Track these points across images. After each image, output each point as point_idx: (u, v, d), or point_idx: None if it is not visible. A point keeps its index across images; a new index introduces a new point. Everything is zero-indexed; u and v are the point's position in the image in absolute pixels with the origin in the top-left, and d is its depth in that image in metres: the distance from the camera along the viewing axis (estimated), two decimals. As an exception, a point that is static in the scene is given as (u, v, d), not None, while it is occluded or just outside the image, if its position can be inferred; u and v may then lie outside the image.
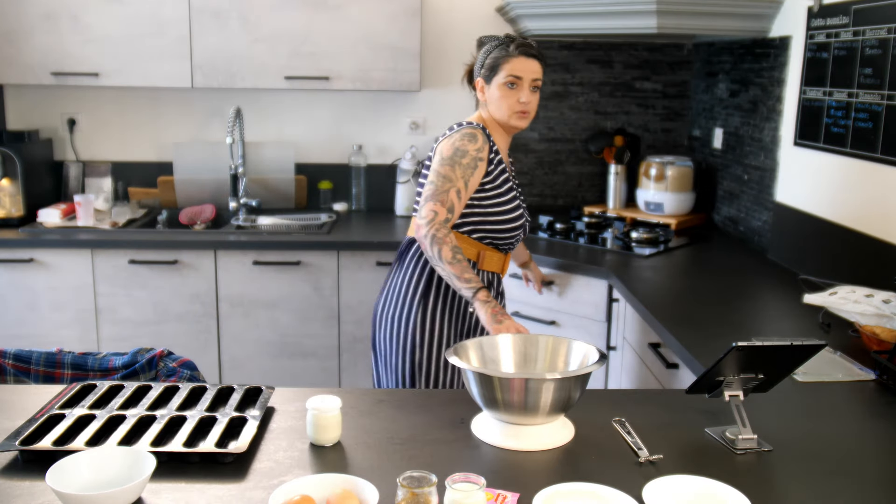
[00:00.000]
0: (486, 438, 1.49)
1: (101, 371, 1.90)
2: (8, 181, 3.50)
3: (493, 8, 3.73)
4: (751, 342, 1.40)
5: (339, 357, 3.45)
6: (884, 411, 1.68)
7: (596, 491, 1.28)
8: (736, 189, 3.34)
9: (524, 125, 2.20)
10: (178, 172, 3.84)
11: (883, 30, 2.34)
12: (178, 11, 3.43)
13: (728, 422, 1.54)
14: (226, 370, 3.44)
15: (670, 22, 3.00)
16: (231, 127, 3.55)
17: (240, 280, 3.35)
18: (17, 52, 3.46)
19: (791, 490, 1.35)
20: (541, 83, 2.20)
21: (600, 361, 1.52)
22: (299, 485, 1.27)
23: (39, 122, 3.86)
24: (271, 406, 1.65)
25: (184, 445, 1.42)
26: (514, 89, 2.15)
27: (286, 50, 3.48)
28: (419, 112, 3.90)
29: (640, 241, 3.20)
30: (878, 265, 2.32)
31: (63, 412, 1.54)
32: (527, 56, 2.15)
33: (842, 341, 2.10)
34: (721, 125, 3.50)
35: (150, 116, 3.88)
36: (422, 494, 1.18)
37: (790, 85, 2.90)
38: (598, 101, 3.88)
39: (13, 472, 1.36)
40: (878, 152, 2.36)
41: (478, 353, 1.61)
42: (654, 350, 2.33)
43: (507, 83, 2.14)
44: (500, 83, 2.15)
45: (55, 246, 3.30)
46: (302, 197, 3.93)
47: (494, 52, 2.18)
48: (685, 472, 1.36)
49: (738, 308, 2.40)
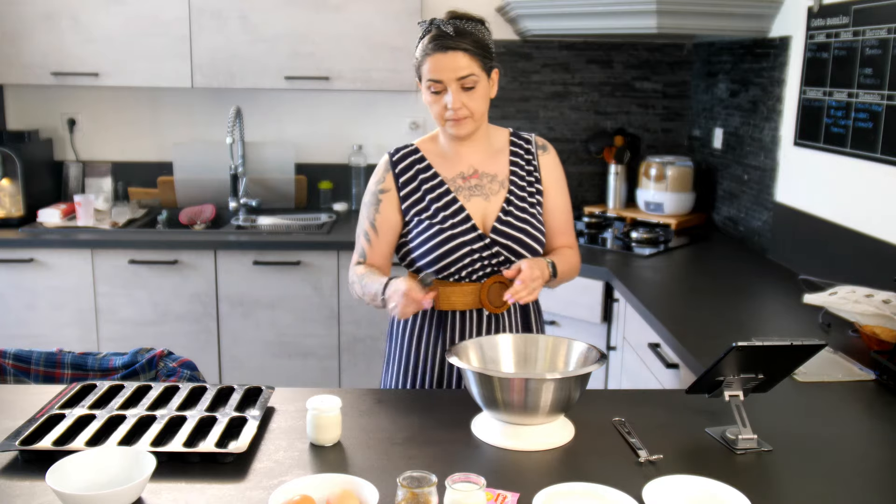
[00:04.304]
0: (486, 438, 1.49)
1: (101, 371, 1.90)
2: (8, 181, 3.49)
3: (493, 8, 3.72)
4: (751, 342, 1.40)
5: (339, 357, 3.45)
6: (884, 411, 1.68)
7: (596, 491, 1.28)
8: (736, 189, 3.34)
9: (464, 132, 1.81)
10: (178, 172, 3.84)
11: (883, 30, 2.34)
12: (178, 11, 3.43)
13: (728, 422, 1.54)
14: (226, 370, 3.44)
15: (670, 22, 3.00)
16: (231, 127, 3.55)
17: (240, 280, 3.35)
18: (17, 52, 3.46)
19: (791, 490, 1.35)
20: (476, 78, 1.75)
21: (600, 361, 1.52)
22: (299, 485, 1.27)
23: (39, 122, 3.86)
24: (271, 406, 1.65)
25: (184, 445, 1.42)
26: (439, 94, 1.77)
27: (286, 50, 3.48)
28: (419, 112, 3.90)
29: (640, 241, 3.20)
30: (878, 265, 2.32)
31: (63, 412, 1.54)
32: (443, 51, 1.73)
33: (842, 341, 2.10)
34: (721, 125, 3.50)
35: (150, 116, 3.88)
36: (422, 494, 1.18)
37: (790, 85, 2.90)
38: (598, 101, 3.88)
39: (13, 472, 1.36)
40: (878, 152, 2.36)
41: (478, 353, 1.61)
42: (654, 350, 2.33)
43: (428, 88, 1.78)
44: (425, 87, 1.80)
45: (55, 246, 3.30)
46: (302, 197, 3.93)
47: (417, 49, 1.80)
48: (685, 472, 1.36)
49: (738, 308, 2.40)
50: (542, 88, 3.84)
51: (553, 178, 1.95)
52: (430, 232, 1.85)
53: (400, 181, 1.89)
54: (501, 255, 1.84)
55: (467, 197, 1.87)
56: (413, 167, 1.90)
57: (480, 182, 1.89)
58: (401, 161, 1.91)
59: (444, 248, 1.83)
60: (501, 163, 1.91)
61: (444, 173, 1.89)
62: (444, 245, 1.83)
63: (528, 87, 3.84)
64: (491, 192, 1.89)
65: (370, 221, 1.91)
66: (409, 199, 1.88)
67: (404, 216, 1.89)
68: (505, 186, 1.89)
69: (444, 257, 1.83)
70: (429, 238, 1.85)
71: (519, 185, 1.90)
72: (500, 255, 1.84)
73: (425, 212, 1.87)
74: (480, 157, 1.91)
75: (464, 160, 1.90)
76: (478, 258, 1.84)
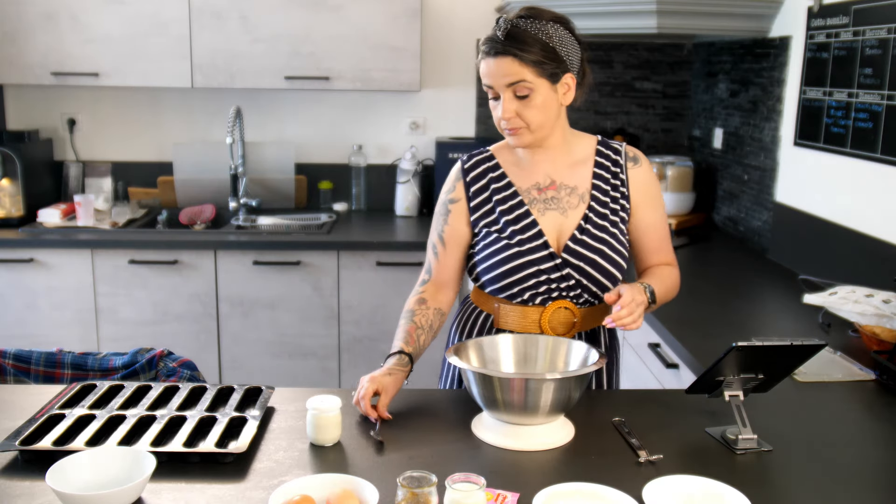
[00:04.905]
0: (486, 438, 1.49)
1: (101, 371, 1.90)
2: (8, 181, 3.49)
3: (493, 8, 3.72)
4: (751, 342, 1.40)
5: (339, 357, 3.45)
6: (884, 411, 1.68)
7: (596, 491, 1.28)
8: (736, 189, 3.34)
9: (521, 144, 1.68)
10: (178, 172, 3.84)
11: (883, 30, 2.34)
12: (178, 11, 3.43)
13: (728, 422, 1.54)
14: (226, 370, 3.43)
15: (670, 22, 3.00)
16: (231, 127, 3.55)
17: (240, 280, 3.35)
18: (17, 52, 3.46)
19: (791, 490, 1.35)
20: (530, 86, 1.60)
21: (600, 361, 1.52)
22: (299, 485, 1.27)
23: (39, 122, 3.86)
24: (271, 406, 1.65)
25: (184, 445, 1.42)
26: (497, 100, 1.66)
27: (286, 50, 3.48)
28: (419, 112, 3.90)
29: (640, 241, 3.20)
30: (878, 265, 2.32)
31: (63, 412, 1.54)
32: (491, 56, 1.61)
33: (842, 341, 2.10)
34: (721, 125, 3.50)
35: (150, 116, 3.88)
36: (422, 494, 1.18)
37: (790, 85, 2.90)
38: (598, 101, 3.88)
39: (13, 472, 1.36)
40: (878, 152, 2.36)
41: (478, 353, 1.61)
42: (654, 350, 2.33)
43: (486, 93, 1.68)
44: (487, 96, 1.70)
45: (55, 246, 3.30)
46: (302, 197, 3.93)
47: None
48: (685, 472, 1.36)
49: (738, 308, 2.40)
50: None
51: (644, 193, 1.76)
52: (497, 247, 1.71)
53: (471, 191, 1.76)
54: (572, 277, 1.69)
55: (542, 211, 1.72)
56: (486, 175, 1.76)
57: (558, 194, 1.73)
58: (473, 168, 1.77)
59: (509, 265, 1.70)
60: (583, 174, 1.74)
61: (519, 183, 1.74)
62: (509, 262, 1.70)
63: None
64: (569, 206, 1.72)
65: (438, 234, 1.79)
66: (480, 210, 1.75)
67: (473, 227, 1.76)
68: (585, 200, 1.72)
69: (508, 275, 1.70)
70: (494, 253, 1.72)
71: (601, 200, 1.73)
72: (571, 277, 1.69)
73: (494, 224, 1.73)
74: (559, 167, 1.74)
75: (540, 170, 1.74)
76: (545, 280, 1.70)
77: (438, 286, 1.80)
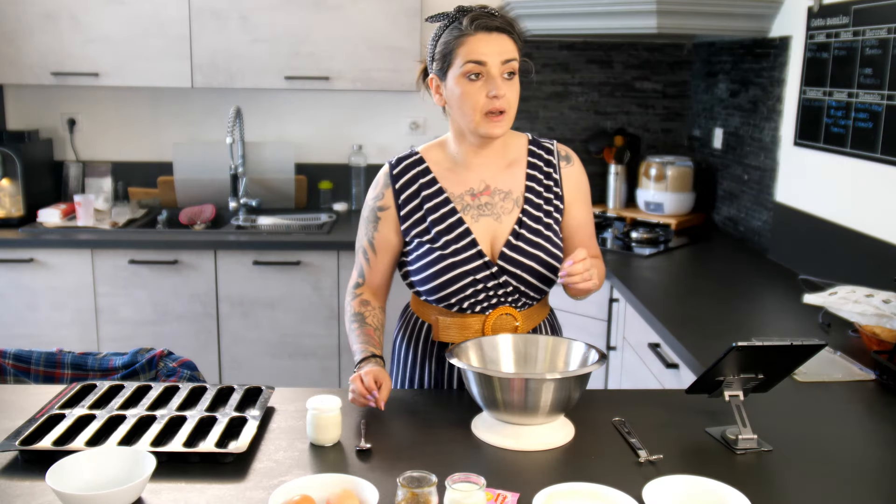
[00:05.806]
0: (486, 438, 1.49)
1: (101, 371, 1.90)
2: (8, 181, 3.49)
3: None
4: (751, 342, 1.40)
5: (339, 357, 3.45)
6: (884, 411, 1.68)
7: (596, 491, 1.28)
8: (736, 189, 3.34)
9: (500, 131, 1.60)
10: (178, 172, 3.84)
11: (883, 30, 2.34)
12: (178, 11, 3.43)
13: (728, 422, 1.54)
14: (226, 370, 3.44)
15: (670, 22, 3.00)
16: (231, 127, 3.55)
17: (240, 280, 3.35)
18: (17, 52, 3.46)
19: (791, 490, 1.35)
20: (517, 65, 1.59)
21: (600, 361, 1.52)
22: (299, 485, 1.27)
23: (39, 122, 3.86)
24: (271, 406, 1.65)
25: (184, 445, 1.42)
26: (479, 80, 1.57)
27: (286, 50, 3.48)
28: (419, 112, 3.90)
29: (640, 241, 3.20)
30: (878, 265, 2.32)
31: (63, 412, 1.54)
32: (488, 31, 1.56)
33: (842, 341, 2.10)
34: (721, 125, 3.50)
35: (149, 116, 3.88)
36: (422, 494, 1.18)
37: (790, 85, 2.90)
38: (598, 101, 3.88)
39: (13, 472, 1.36)
40: (878, 152, 2.36)
41: (478, 353, 1.61)
42: (654, 350, 2.33)
43: (466, 74, 1.57)
44: (458, 75, 1.58)
45: (55, 246, 3.30)
46: (302, 197, 3.93)
47: (444, 36, 1.60)
48: (685, 472, 1.36)
49: (738, 308, 2.40)
50: (541, 88, 3.84)
51: (576, 192, 1.75)
52: (430, 258, 1.67)
53: (400, 198, 1.70)
54: (510, 284, 1.67)
55: (475, 217, 1.67)
56: (416, 181, 1.70)
57: (492, 200, 1.69)
58: (402, 174, 1.71)
59: (444, 277, 1.65)
60: (517, 177, 1.71)
61: (451, 189, 1.69)
62: (444, 274, 1.65)
63: (528, 87, 3.84)
64: (503, 212, 1.68)
65: (369, 240, 1.75)
66: (410, 218, 1.70)
67: (404, 236, 1.71)
68: (519, 204, 1.69)
69: (444, 287, 1.66)
70: (428, 265, 1.67)
71: (535, 202, 1.70)
72: (509, 284, 1.67)
73: (426, 234, 1.68)
74: (494, 171, 1.70)
75: (475, 174, 1.69)
76: (482, 288, 1.66)
77: (374, 290, 1.79)
